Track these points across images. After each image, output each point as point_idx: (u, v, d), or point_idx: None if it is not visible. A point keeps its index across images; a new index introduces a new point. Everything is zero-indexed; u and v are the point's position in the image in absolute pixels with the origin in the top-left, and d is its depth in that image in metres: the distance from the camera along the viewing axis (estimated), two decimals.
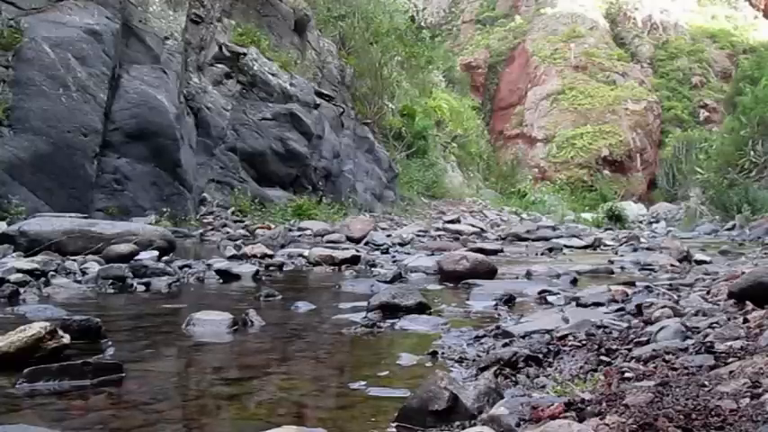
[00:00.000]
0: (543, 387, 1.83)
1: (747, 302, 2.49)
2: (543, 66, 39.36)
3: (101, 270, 4.17)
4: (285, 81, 12.53)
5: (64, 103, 7.80)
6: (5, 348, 2.02)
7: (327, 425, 1.57)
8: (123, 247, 4.87)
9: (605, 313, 2.89)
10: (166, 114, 8.94)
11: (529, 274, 5.06)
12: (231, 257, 5.67)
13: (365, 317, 3.07)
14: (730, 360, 1.68)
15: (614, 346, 2.15)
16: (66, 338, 2.17)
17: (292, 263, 5.80)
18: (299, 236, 8.91)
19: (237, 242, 7.35)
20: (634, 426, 1.18)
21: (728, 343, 1.88)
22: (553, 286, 4.15)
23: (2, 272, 3.81)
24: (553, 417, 1.35)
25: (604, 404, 1.38)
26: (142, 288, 4.02)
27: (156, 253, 5.09)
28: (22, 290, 3.61)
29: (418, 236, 9.68)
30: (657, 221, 20.82)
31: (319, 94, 13.70)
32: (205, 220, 9.62)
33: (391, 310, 3.12)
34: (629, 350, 2.06)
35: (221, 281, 4.54)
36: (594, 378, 1.83)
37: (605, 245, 9.65)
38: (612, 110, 35.99)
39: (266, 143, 11.83)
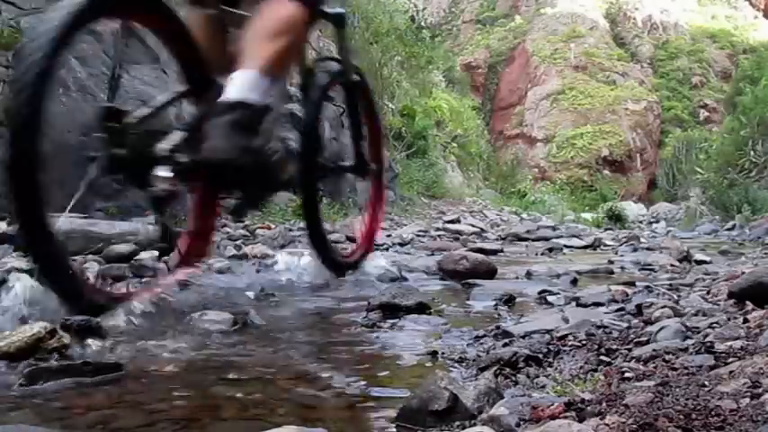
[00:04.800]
0: (543, 387, 1.82)
1: (747, 302, 2.49)
2: (543, 66, 39.40)
3: (101, 270, 4.16)
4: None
5: (64, 103, 7.79)
6: (5, 348, 2.02)
7: (327, 425, 1.57)
8: (123, 247, 4.86)
9: (605, 313, 2.89)
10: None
11: (529, 274, 5.05)
12: (231, 257, 5.66)
13: (365, 317, 3.07)
14: (730, 360, 1.68)
15: (614, 346, 2.14)
16: (67, 338, 2.17)
17: None
18: (299, 236, 8.89)
19: (237, 242, 7.34)
20: (634, 426, 1.18)
21: (728, 343, 1.88)
22: (553, 286, 4.14)
23: (2, 272, 3.81)
24: (553, 417, 1.35)
25: (604, 404, 1.38)
26: None
27: (156, 253, 5.08)
28: None
29: (418, 236, 9.66)
30: (657, 221, 20.82)
31: None
32: None
33: (391, 310, 3.12)
34: (629, 350, 2.05)
35: None
36: (594, 378, 1.83)
37: (605, 245, 9.65)
38: (612, 110, 36.03)
39: None
